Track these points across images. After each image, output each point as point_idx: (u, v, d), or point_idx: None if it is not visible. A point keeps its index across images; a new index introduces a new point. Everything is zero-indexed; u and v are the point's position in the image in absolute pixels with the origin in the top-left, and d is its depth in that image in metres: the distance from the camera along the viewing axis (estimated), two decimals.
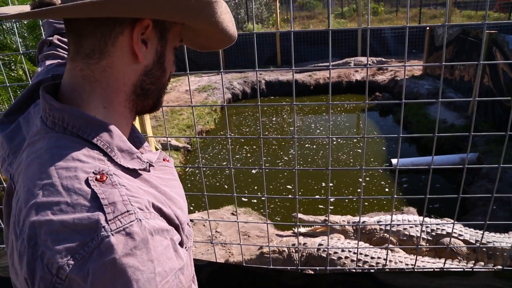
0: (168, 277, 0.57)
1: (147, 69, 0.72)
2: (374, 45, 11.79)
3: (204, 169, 6.04)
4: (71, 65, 0.68)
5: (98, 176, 0.58)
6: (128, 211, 0.56)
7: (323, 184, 5.33)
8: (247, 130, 8.12)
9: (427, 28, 8.66)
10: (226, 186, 5.55)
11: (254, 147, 6.86)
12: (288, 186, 5.37)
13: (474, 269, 1.74)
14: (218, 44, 0.85)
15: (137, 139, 0.84)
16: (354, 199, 4.99)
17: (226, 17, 0.75)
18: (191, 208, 4.91)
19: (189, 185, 5.72)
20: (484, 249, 3.18)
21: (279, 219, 4.70)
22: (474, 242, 3.24)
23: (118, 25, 0.66)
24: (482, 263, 3.11)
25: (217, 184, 5.65)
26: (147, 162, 0.69)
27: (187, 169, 6.15)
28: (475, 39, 6.67)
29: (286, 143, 6.94)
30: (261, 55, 12.00)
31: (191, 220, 4.26)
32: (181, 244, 0.67)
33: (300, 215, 3.97)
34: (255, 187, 5.44)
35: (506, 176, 4.45)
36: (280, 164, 6.17)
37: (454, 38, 7.66)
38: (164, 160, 0.81)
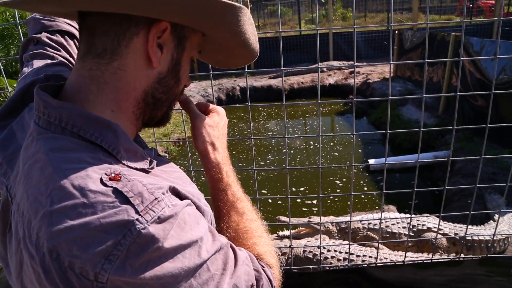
0: (205, 236, 0.58)
1: (161, 76, 0.68)
2: (345, 49, 12.05)
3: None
4: (80, 65, 0.64)
5: (112, 175, 0.54)
6: (156, 198, 0.53)
7: (303, 188, 5.38)
8: None
9: (396, 31, 8.93)
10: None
11: (234, 152, 6.86)
12: (268, 191, 5.40)
13: (460, 259, 1.81)
14: (238, 59, 0.80)
15: (139, 143, 0.77)
16: (343, 196, 5.08)
17: (249, 29, 0.71)
18: None
19: None
20: (463, 241, 3.30)
21: (265, 223, 4.71)
22: (453, 235, 3.35)
23: (134, 25, 0.62)
24: (463, 255, 3.22)
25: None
26: (151, 160, 0.66)
27: None
28: (441, 41, 6.94)
29: (265, 148, 6.97)
30: None
31: None
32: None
33: (283, 218, 3.99)
34: None
35: (477, 171, 4.63)
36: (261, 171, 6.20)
37: (422, 41, 7.95)
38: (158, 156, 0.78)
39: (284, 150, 6.68)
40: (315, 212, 4.89)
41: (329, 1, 13.04)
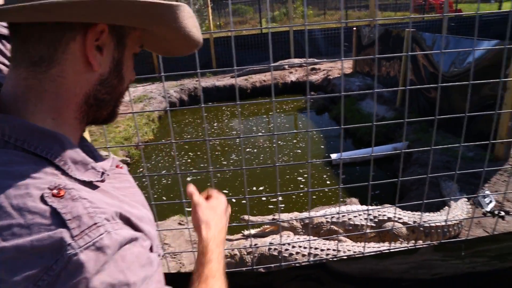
0: (142, 285, 0.54)
1: (103, 78, 0.65)
2: (305, 46, 12.20)
3: (145, 180, 5.86)
4: (15, 73, 0.61)
5: (55, 191, 0.51)
6: (96, 223, 0.51)
7: (265, 186, 5.41)
8: (189, 137, 8.03)
9: (354, 28, 9.13)
10: (164, 198, 5.42)
11: (198, 153, 6.80)
12: (231, 193, 5.38)
13: (416, 246, 1.87)
14: (182, 49, 0.79)
15: (86, 148, 0.75)
16: (302, 192, 5.13)
17: (190, 22, 0.70)
18: None
19: None
20: (422, 229, 3.42)
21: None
22: (412, 223, 3.46)
23: (69, 30, 0.59)
24: (421, 241, 3.34)
25: (155, 196, 5.49)
26: (102, 172, 0.63)
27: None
28: (397, 37, 7.16)
29: (229, 148, 6.95)
30: (194, 61, 11.89)
31: None
32: (151, 250, 0.64)
33: (247, 217, 3.99)
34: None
35: (433, 161, 4.81)
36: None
37: (379, 37, 8.16)
38: (117, 167, 0.75)
39: (248, 150, 6.69)
40: (282, 208, 4.92)
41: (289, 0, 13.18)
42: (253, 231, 4.05)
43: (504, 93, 4.39)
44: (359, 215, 3.55)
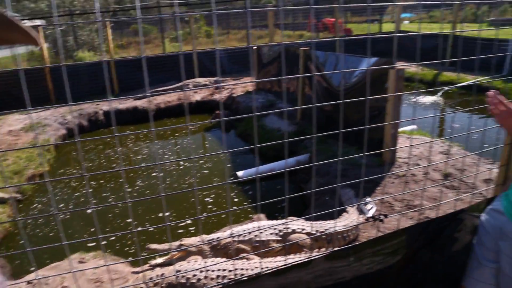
0: None
1: None
2: (209, 66, 12.31)
3: (27, 220, 5.33)
4: None
5: None
6: None
7: (170, 213, 5.25)
8: (90, 164, 7.50)
9: (254, 47, 9.45)
10: (61, 235, 4.98)
11: (101, 181, 6.37)
12: (129, 220, 5.13)
13: (310, 258, 1.91)
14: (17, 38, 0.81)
15: None
16: (223, 213, 5.04)
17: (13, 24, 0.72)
18: (32, 268, 4.21)
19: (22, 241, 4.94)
20: (324, 236, 3.57)
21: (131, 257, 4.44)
22: (315, 232, 3.60)
23: None
24: (324, 249, 3.49)
25: (51, 234, 5.01)
26: None
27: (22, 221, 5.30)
28: (293, 55, 7.56)
29: (135, 173, 6.63)
30: (95, 84, 11.29)
31: (29, 282, 3.65)
32: None
33: (154, 246, 3.82)
34: (101, 227, 5.03)
35: (331, 169, 5.11)
36: (127, 196, 5.86)
37: (277, 55, 8.54)
38: None
39: (154, 174, 6.45)
40: (192, 231, 4.80)
41: (191, 20, 13.22)
42: (160, 260, 3.87)
43: (385, 104, 4.85)
44: (265, 230, 3.59)
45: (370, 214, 2.54)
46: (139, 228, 4.81)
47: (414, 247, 2.21)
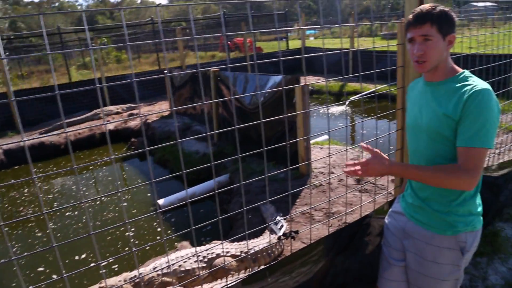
0: None
1: None
2: (121, 92, 11.88)
3: None
4: None
5: None
6: None
7: (86, 255, 4.90)
8: None
9: (165, 71, 9.32)
10: None
11: (6, 229, 5.72)
12: (48, 269, 4.70)
13: (227, 285, 1.89)
14: None
15: None
16: (128, 254, 4.78)
17: None
18: None
19: None
20: (249, 256, 3.57)
21: None
22: (239, 253, 3.59)
23: None
24: (250, 269, 3.49)
25: None
26: None
27: None
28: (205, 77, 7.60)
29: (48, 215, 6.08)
30: None
31: None
32: None
33: None
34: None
35: (252, 187, 5.17)
36: (38, 244, 5.34)
37: (189, 78, 8.53)
38: None
39: (68, 213, 5.98)
40: (116, 270, 4.51)
41: (95, 53, 12.66)
42: None
43: (295, 118, 5.06)
44: (189, 258, 3.50)
45: (281, 232, 2.60)
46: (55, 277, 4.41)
47: (331, 255, 2.30)
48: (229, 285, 1.87)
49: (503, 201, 3.76)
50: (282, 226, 2.61)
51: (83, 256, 4.76)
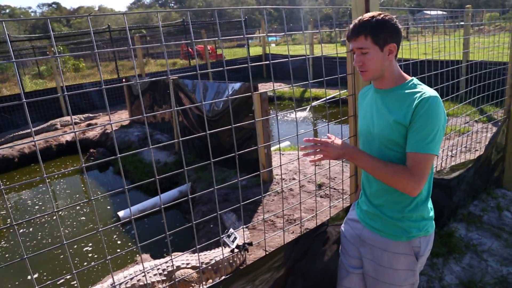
0: None
1: None
2: (79, 102, 11.50)
3: None
4: None
5: None
6: None
7: (38, 275, 4.68)
8: None
9: (123, 79, 9.12)
10: None
11: None
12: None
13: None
14: None
15: None
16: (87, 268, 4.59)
17: None
18: None
19: None
20: (210, 267, 3.52)
21: None
22: (200, 264, 3.53)
23: None
24: (211, 280, 3.43)
25: None
26: None
27: None
28: (164, 85, 7.49)
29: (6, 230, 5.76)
30: None
31: None
32: None
33: None
34: None
35: (213, 196, 5.12)
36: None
37: (148, 86, 8.37)
38: None
39: (23, 230, 5.68)
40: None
41: (56, 61, 12.22)
42: None
43: (255, 125, 5.07)
44: (148, 272, 3.40)
45: (234, 245, 2.58)
46: None
47: (290, 262, 2.31)
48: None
49: (456, 202, 3.92)
50: (235, 238, 2.59)
51: (36, 276, 4.53)
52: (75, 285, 4.32)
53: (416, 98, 1.55)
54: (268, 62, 1.86)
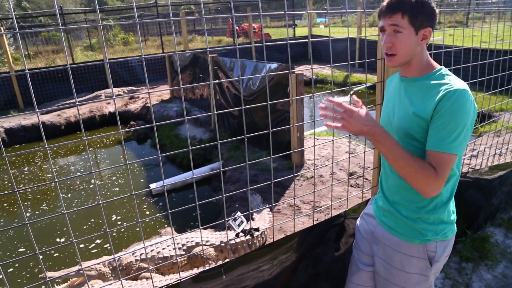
0: None
1: None
2: (123, 75, 11.83)
3: None
4: None
5: None
6: None
7: (81, 230, 4.92)
8: None
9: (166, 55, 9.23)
10: None
11: (5, 204, 5.80)
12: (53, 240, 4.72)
13: (179, 280, 1.84)
14: None
15: None
16: (101, 234, 4.78)
17: None
18: None
19: None
20: (228, 246, 3.54)
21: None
22: (219, 243, 3.55)
23: None
24: (228, 259, 3.45)
25: None
26: None
27: None
28: (204, 62, 7.50)
29: (41, 194, 6.12)
30: None
31: None
32: None
33: (50, 274, 3.51)
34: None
35: (243, 176, 5.11)
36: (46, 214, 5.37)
37: (189, 62, 8.42)
38: None
39: (62, 196, 5.99)
40: (100, 254, 4.51)
41: (100, 30, 12.59)
42: None
43: (289, 108, 4.96)
44: (168, 246, 3.47)
45: (239, 229, 2.54)
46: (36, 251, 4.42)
47: (303, 249, 2.26)
48: (182, 279, 1.82)
49: (497, 204, 3.64)
50: (241, 222, 2.55)
51: (63, 239, 4.78)
52: (96, 251, 4.51)
53: (442, 91, 1.39)
54: (306, 40, 1.75)
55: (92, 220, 5.12)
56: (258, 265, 2.09)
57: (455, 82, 1.41)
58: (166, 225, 4.83)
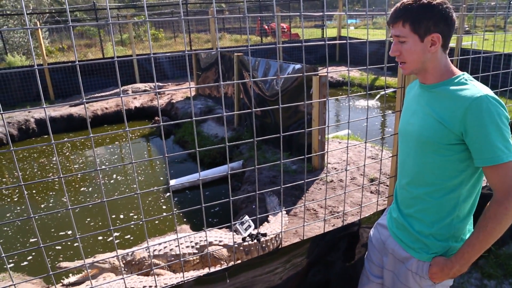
0: None
1: None
2: (151, 71, 12.01)
3: None
4: None
5: None
6: None
7: (94, 224, 5.00)
8: (22, 173, 7.02)
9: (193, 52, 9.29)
10: None
11: (33, 191, 6.00)
12: (63, 233, 4.83)
13: (183, 281, 1.82)
14: None
15: None
16: (140, 222, 4.84)
17: None
18: None
19: None
20: (241, 248, 3.51)
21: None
22: (232, 244, 3.52)
23: None
24: (240, 261, 3.42)
25: None
26: None
27: None
28: (228, 60, 7.50)
29: (77, 182, 6.28)
30: (28, 90, 10.67)
31: None
32: None
33: (65, 264, 3.59)
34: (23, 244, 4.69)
35: (262, 177, 5.07)
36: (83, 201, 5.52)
37: (215, 60, 8.45)
38: None
39: (83, 190, 6.13)
40: (127, 245, 4.58)
41: (130, 26, 12.86)
42: (74, 278, 3.64)
43: (311, 110, 4.88)
44: (181, 244, 3.47)
45: (246, 233, 2.49)
46: (45, 243, 4.53)
47: (314, 256, 2.22)
48: (185, 281, 1.80)
49: None
50: (249, 226, 2.51)
51: (92, 224, 4.87)
52: (123, 241, 4.57)
53: (466, 101, 1.31)
54: (344, 41, 1.71)
55: (113, 216, 5.20)
56: (264, 270, 2.05)
57: (476, 89, 1.33)
58: (185, 220, 4.85)
